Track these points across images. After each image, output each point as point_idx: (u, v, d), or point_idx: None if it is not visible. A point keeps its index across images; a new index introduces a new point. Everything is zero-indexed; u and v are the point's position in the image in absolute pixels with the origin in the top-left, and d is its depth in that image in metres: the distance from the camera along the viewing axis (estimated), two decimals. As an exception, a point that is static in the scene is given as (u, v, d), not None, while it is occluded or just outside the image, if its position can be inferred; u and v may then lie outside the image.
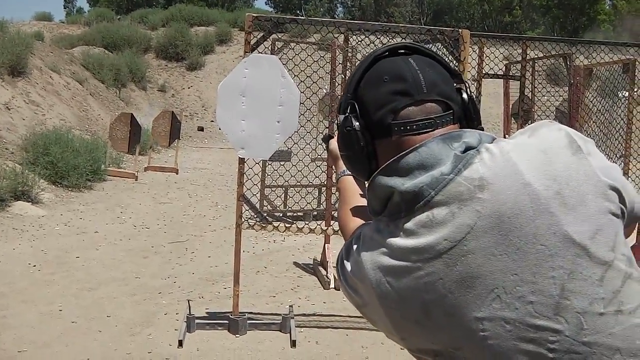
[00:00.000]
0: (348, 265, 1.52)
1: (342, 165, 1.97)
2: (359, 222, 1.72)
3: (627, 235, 1.51)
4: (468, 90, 1.57)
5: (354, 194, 1.92)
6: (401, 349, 5.57)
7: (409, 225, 1.41)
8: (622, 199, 1.45)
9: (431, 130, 1.46)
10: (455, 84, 1.54)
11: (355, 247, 1.52)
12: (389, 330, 1.48)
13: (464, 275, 1.36)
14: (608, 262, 1.36)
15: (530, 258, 1.35)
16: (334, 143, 2.06)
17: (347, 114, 1.54)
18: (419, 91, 1.47)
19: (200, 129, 23.07)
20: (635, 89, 10.40)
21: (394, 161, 1.45)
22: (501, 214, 1.36)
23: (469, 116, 1.55)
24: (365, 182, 1.61)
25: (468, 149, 1.43)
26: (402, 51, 1.55)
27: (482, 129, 1.55)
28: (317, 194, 10.17)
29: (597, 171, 1.43)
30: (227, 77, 5.59)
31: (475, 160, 1.41)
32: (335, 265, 1.58)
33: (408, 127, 1.46)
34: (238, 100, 5.51)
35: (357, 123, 1.52)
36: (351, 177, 1.95)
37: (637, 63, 8.59)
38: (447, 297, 1.37)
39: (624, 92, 11.23)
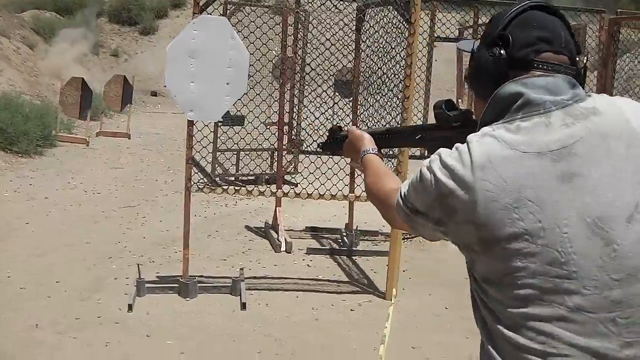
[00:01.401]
0: (447, 158, 1.73)
1: (366, 144, 2.29)
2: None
3: None
4: (585, 62, 1.98)
5: (387, 169, 2.21)
6: (358, 305, 5.64)
7: (525, 124, 1.71)
8: None
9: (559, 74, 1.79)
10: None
11: (455, 149, 1.75)
12: (467, 218, 1.68)
13: (566, 171, 1.65)
14: None
15: (620, 174, 1.67)
16: (353, 130, 2.41)
17: (494, 45, 1.83)
18: (559, 44, 1.81)
19: (154, 93, 22.77)
20: (586, 55, 10.46)
21: (527, 77, 1.77)
22: (606, 135, 1.70)
23: (579, 81, 1.83)
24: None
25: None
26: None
27: None
28: (269, 157, 10.11)
29: None
30: (176, 39, 5.54)
31: (589, 98, 1.76)
32: (425, 168, 1.78)
33: (544, 67, 1.78)
34: (187, 62, 5.45)
35: (504, 52, 1.81)
36: (377, 156, 2.25)
37: (587, 28, 8.65)
38: (543, 188, 1.64)
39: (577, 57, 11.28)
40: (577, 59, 1.89)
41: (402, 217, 1.88)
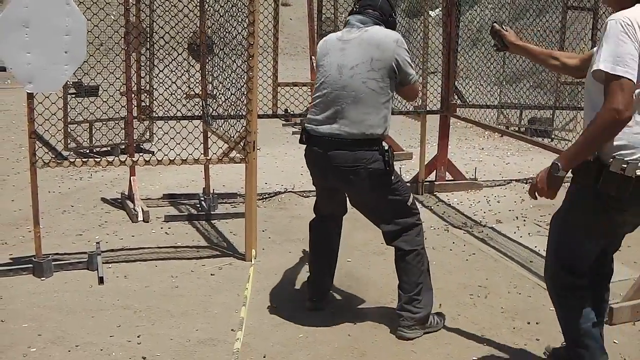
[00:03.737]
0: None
1: None
2: None
3: (405, 92, 4.68)
4: (394, 17, 4.66)
5: None
6: (219, 268, 5.61)
7: (345, 29, 4.57)
8: (398, 68, 4.38)
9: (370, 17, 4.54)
10: (393, 14, 4.63)
11: None
12: (318, 57, 4.67)
13: (342, 47, 4.46)
14: (375, 69, 4.35)
15: (358, 53, 4.42)
16: None
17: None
18: (375, 6, 4.52)
19: (2, 69, 21.82)
20: (438, 9, 10.62)
21: (357, 15, 4.55)
22: (363, 39, 4.40)
23: (387, 25, 4.56)
24: None
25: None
26: None
27: None
28: (124, 127, 9.83)
29: (395, 53, 4.36)
30: (7, 8, 5.27)
31: (373, 28, 4.46)
32: None
33: (366, 15, 4.51)
34: (21, 32, 5.22)
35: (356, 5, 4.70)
36: None
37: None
38: (332, 50, 4.50)
39: (435, 11, 11.45)
40: (391, 15, 4.60)
41: None
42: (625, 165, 3.28)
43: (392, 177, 4.47)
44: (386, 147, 4.43)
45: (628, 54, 3.17)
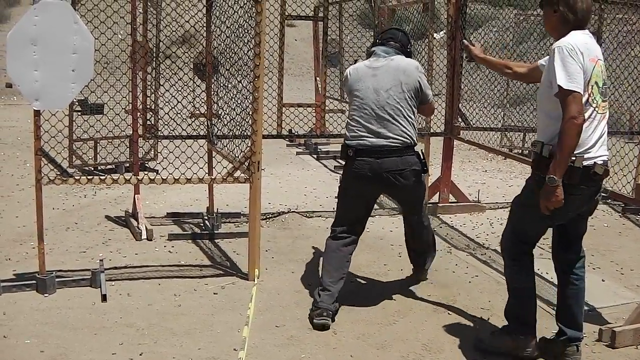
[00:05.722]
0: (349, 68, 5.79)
1: None
2: None
3: (424, 109, 5.77)
4: (411, 48, 5.78)
5: None
6: (221, 288, 5.61)
7: (371, 59, 5.55)
8: (420, 89, 5.43)
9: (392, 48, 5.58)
10: (410, 45, 5.74)
11: None
12: (347, 84, 5.57)
13: (373, 73, 5.41)
14: (405, 91, 5.35)
15: (389, 78, 5.36)
16: None
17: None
18: (396, 40, 5.62)
19: (9, 85, 21.88)
20: (442, 32, 10.65)
21: (380, 47, 5.59)
22: (390, 66, 5.40)
23: (407, 55, 5.61)
24: None
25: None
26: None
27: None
28: (129, 145, 9.88)
29: (418, 77, 5.40)
30: (16, 26, 5.32)
31: (397, 56, 5.50)
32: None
33: (389, 46, 5.56)
34: (29, 50, 5.26)
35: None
36: None
37: (435, 2, 8.82)
38: (365, 76, 5.44)
39: (440, 33, 11.48)
40: (408, 46, 5.67)
41: None
42: (574, 158, 4.10)
43: (421, 176, 5.54)
44: (419, 152, 5.52)
45: (576, 72, 4.03)
